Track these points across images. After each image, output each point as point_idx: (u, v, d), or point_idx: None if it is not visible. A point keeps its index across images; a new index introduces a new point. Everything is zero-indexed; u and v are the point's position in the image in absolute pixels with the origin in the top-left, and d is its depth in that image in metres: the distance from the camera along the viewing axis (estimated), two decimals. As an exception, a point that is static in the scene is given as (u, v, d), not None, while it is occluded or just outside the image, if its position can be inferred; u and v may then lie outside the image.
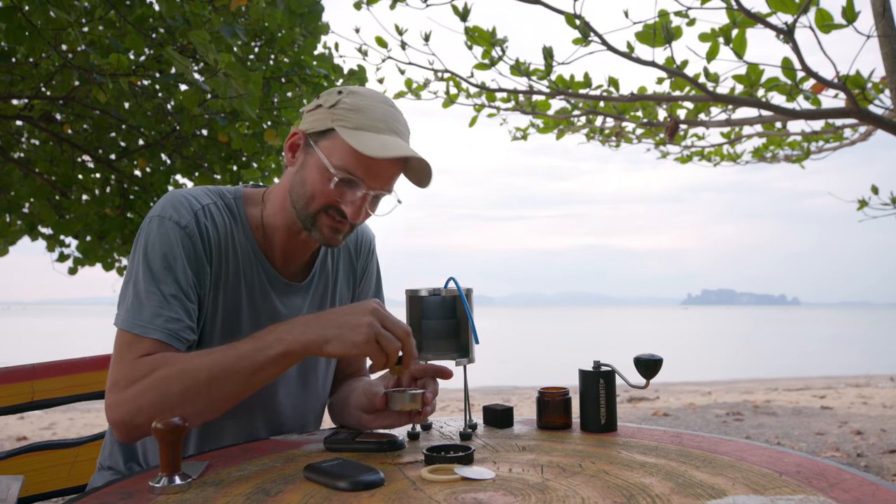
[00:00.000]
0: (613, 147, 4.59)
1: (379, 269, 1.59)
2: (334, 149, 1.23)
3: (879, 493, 0.87)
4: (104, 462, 1.40)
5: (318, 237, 1.28)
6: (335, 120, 1.23)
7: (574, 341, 29.44)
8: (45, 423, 6.83)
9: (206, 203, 1.28)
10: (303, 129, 1.28)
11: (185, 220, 1.23)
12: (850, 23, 2.26)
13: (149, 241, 1.22)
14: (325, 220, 1.26)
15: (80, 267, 4.91)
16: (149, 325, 1.16)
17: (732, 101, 3.04)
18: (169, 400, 1.10)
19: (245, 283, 1.31)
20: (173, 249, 1.21)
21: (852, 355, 20.75)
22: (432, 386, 1.26)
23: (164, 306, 1.18)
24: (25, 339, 28.47)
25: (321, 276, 1.44)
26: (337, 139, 1.22)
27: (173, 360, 1.13)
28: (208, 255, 1.25)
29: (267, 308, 1.33)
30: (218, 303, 1.28)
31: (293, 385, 1.40)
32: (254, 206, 1.35)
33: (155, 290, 1.18)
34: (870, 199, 3.72)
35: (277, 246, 1.35)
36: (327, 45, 4.42)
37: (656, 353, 1.21)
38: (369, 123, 1.22)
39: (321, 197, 1.24)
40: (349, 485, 0.94)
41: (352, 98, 1.24)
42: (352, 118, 1.22)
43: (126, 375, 1.13)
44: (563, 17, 2.65)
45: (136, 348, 1.15)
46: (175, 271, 1.20)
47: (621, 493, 0.90)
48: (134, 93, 3.53)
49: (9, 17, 2.80)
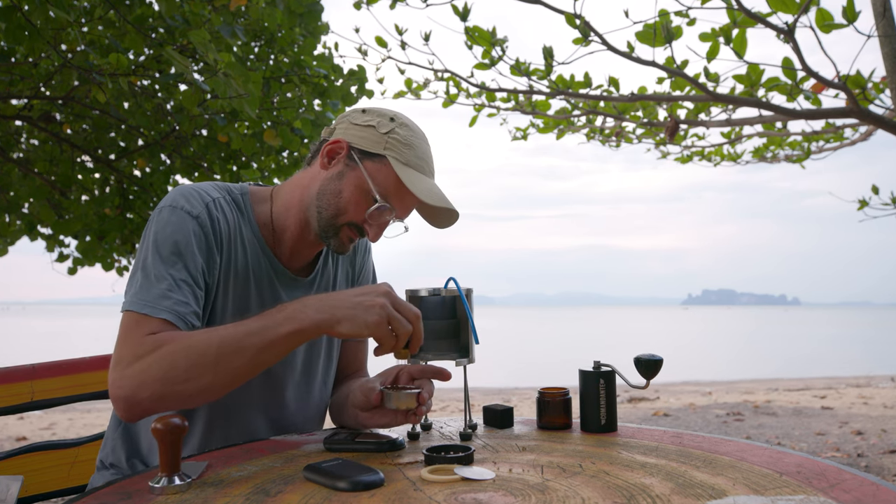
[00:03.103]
0: (613, 147, 4.59)
1: (374, 269, 1.61)
2: (381, 175, 1.26)
3: (880, 494, 0.87)
4: (105, 459, 1.40)
5: (332, 245, 1.31)
6: (387, 148, 1.26)
7: (574, 341, 29.45)
8: (44, 424, 6.83)
9: (216, 196, 1.30)
10: (348, 140, 1.29)
11: (197, 211, 1.24)
12: (851, 23, 2.26)
13: (159, 228, 1.22)
14: (347, 233, 1.30)
15: (80, 267, 4.91)
16: (157, 306, 1.15)
17: (733, 101, 3.04)
18: (175, 375, 1.08)
19: (253, 275, 1.33)
20: (185, 236, 1.21)
21: (853, 355, 20.74)
22: (429, 387, 1.26)
23: (173, 289, 1.17)
24: (25, 339, 28.47)
25: (324, 272, 1.46)
26: (386, 168, 1.26)
27: (181, 336, 1.12)
28: (219, 245, 1.27)
29: (274, 301, 1.35)
30: (228, 293, 1.29)
31: (296, 384, 1.41)
32: (260, 203, 1.37)
33: (164, 274, 1.18)
34: (870, 199, 3.72)
35: (286, 243, 1.37)
36: (327, 45, 4.42)
37: (656, 354, 1.21)
38: (417, 162, 1.28)
39: (353, 214, 1.28)
40: (349, 485, 0.93)
41: (405, 131, 1.29)
42: (404, 152, 1.27)
43: (132, 351, 1.11)
44: (563, 16, 2.65)
45: (143, 327, 1.13)
46: (185, 257, 1.20)
47: (621, 494, 0.90)
48: (133, 93, 3.53)
49: (8, 17, 2.79)
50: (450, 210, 1.29)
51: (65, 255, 4.89)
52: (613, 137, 4.39)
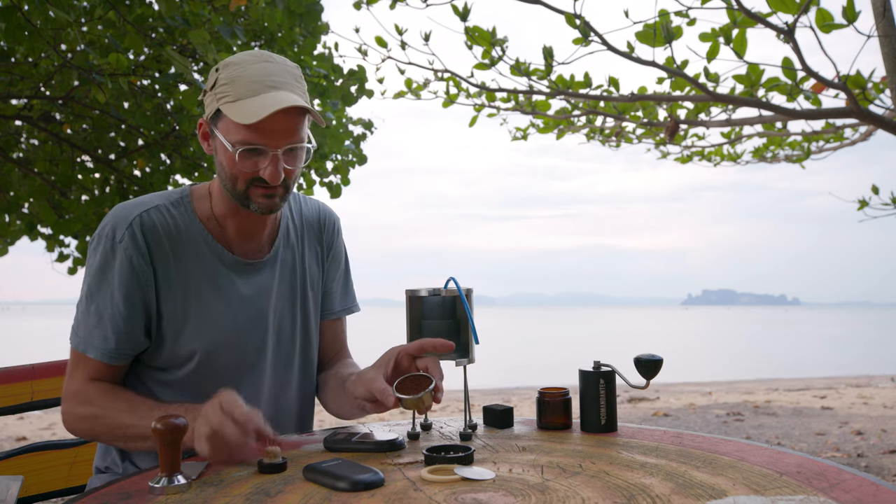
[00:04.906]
0: (613, 147, 4.59)
1: (346, 251, 1.62)
2: (227, 126, 1.26)
3: (880, 494, 0.87)
4: (100, 464, 1.42)
5: (255, 208, 1.31)
6: (219, 99, 1.26)
7: (574, 341, 29.44)
8: (44, 424, 6.83)
9: (145, 209, 1.32)
10: (204, 117, 1.33)
11: (120, 235, 1.29)
12: (851, 23, 2.26)
13: (90, 261, 1.32)
14: (257, 192, 1.29)
15: (80, 267, 4.91)
16: (88, 345, 1.29)
17: (733, 101, 3.04)
18: (97, 436, 1.31)
19: (204, 273, 1.35)
20: (111, 268, 1.29)
21: (853, 355, 20.74)
22: (436, 368, 1.23)
23: (98, 325, 1.29)
24: (25, 339, 28.45)
25: (286, 250, 1.46)
26: (225, 117, 1.26)
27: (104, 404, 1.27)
28: (149, 261, 1.30)
29: (232, 291, 1.37)
30: (179, 297, 1.32)
31: (275, 376, 1.42)
32: (201, 200, 1.39)
33: (93, 310, 1.29)
34: (870, 200, 3.72)
35: (231, 230, 1.39)
36: (327, 45, 4.42)
37: (656, 354, 1.21)
38: (246, 89, 1.24)
39: (239, 175, 1.28)
40: (349, 485, 0.93)
41: (226, 72, 1.27)
42: (230, 91, 1.25)
43: (73, 394, 1.30)
44: (564, 16, 2.64)
45: (81, 366, 1.31)
46: (111, 290, 1.29)
47: (622, 494, 0.89)
48: (133, 92, 3.53)
49: (8, 17, 2.79)
50: (298, 107, 1.23)
51: (65, 255, 4.89)
52: (613, 137, 4.39)
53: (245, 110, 1.22)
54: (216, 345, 1.34)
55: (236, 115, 1.22)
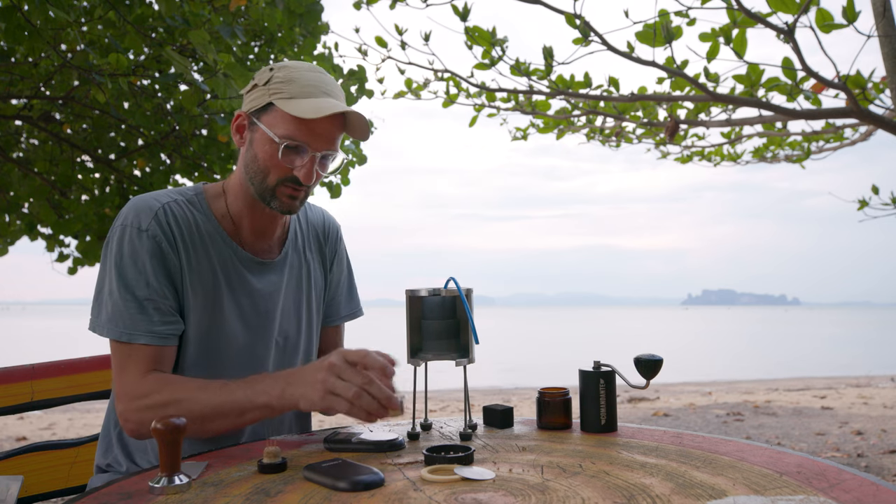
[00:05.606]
0: (613, 147, 4.59)
1: (348, 256, 1.65)
2: (275, 120, 1.30)
3: (880, 494, 0.87)
4: (101, 462, 1.42)
5: (276, 206, 1.34)
6: (272, 94, 1.30)
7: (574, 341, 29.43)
8: (44, 424, 6.83)
9: (166, 202, 1.34)
10: (244, 110, 1.37)
11: (146, 224, 1.30)
12: (851, 23, 2.26)
13: (116, 249, 1.30)
14: (283, 191, 1.33)
15: (80, 267, 4.91)
16: (133, 331, 1.26)
17: (733, 101, 3.03)
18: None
19: (220, 267, 1.37)
20: (140, 255, 1.28)
21: (853, 355, 20.74)
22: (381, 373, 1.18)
23: (141, 310, 1.27)
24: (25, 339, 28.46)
25: (294, 253, 1.49)
26: (276, 111, 1.30)
27: (173, 388, 1.24)
28: (175, 249, 1.31)
29: (244, 287, 1.39)
30: (197, 288, 1.33)
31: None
32: (216, 198, 1.41)
33: (130, 297, 1.27)
34: (870, 200, 3.72)
35: (245, 228, 1.41)
36: (327, 45, 4.42)
37: (656, 354, 1.21)
38: (302, 91, 1.30)
39: (275, 169, 1.31)
40: (349, 485, 0.93)
41: (283, 72, 1.32)
42: (286, 89, 1.30)
43: (132, 390, 1.25)
44: (563, 16, 2.64)
45: (134, 359, 1.26)
46: (146, 275, 1.28)
47: (622, 494, 0.89)
48: (133, 93, 3.53)
49: (8, 17, 2.79)
50: (356, 115, 1.31)
51: (65, 255, 4.89)
52: (613, 137, 4.38)
53: (304, 107, 1.27)
54: (226, 338, 1.36)
55: (294, 109, 1.27)
